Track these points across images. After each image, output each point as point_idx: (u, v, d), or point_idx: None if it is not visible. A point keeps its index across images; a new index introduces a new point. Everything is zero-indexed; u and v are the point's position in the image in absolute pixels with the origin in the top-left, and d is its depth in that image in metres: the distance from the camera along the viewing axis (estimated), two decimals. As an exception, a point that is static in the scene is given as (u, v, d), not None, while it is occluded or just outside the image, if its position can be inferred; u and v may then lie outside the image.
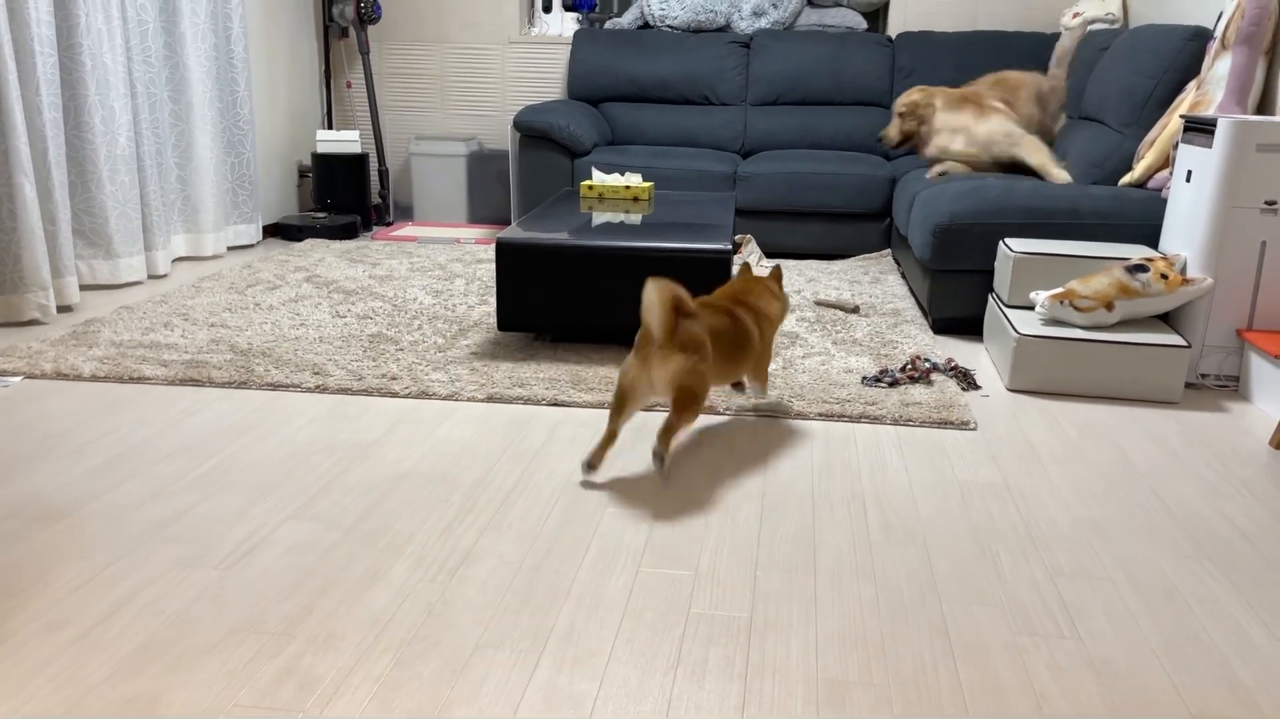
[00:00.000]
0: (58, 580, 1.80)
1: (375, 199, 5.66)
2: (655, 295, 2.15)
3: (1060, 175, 3.83)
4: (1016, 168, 4.05)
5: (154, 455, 2.35)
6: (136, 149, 4.01)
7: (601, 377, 2.93)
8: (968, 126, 4.08)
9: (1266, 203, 2.88)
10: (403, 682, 1.54)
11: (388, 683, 1.53)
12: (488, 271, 4.30)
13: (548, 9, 5.73)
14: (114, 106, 3.81)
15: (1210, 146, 2.92)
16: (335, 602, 1.75)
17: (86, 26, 3.67)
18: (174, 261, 4.44)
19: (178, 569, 1.84)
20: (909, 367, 3.01)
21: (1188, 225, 3.03)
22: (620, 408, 2.25)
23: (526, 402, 2.76)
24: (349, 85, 5.73)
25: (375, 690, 1.51)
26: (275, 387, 2.83)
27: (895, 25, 5.34)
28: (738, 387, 2.76)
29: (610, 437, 2.26)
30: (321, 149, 5.23)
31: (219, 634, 1.64)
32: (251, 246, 4.86)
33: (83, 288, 3.89)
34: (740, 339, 2.45)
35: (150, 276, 4.14)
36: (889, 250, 4.68)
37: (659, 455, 2.22)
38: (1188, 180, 3.06)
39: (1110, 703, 1.53)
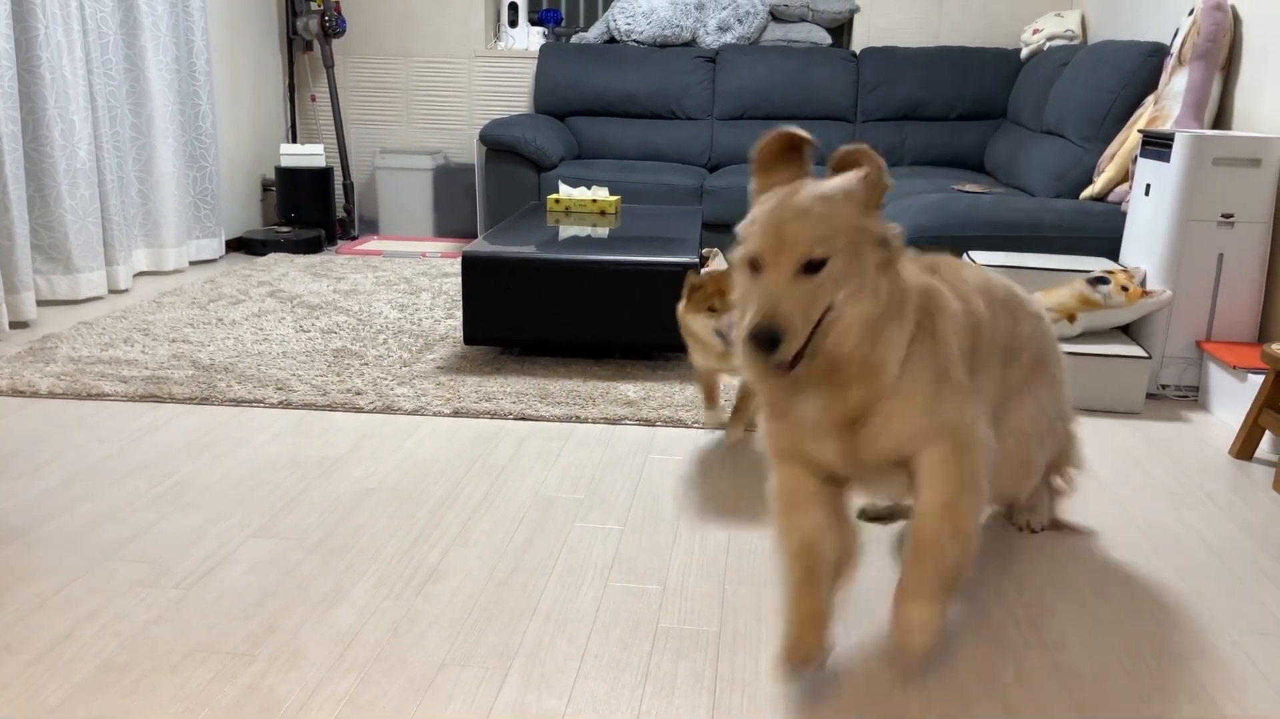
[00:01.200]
0: (12, 602, 1.76)
1: (340, 213, 5.62)
2: None
3: None
4: None
5: (113, 474, 2.31)
6: (97, 163, 3.96)
7: (569, 390, 2.92)
8: None
9: (1223, 216, 2.93)
10: (367, 701, 1.51)
11: (352, 702, 1.51)
12: (454, 285, 4.28)
13: (514, 23, 5.73)
14: (74, 120, 3.76)
15: (1168, 161, 2.97)
16: (298, 620, 1.72)
17: (46, 39, 3.62)
18: (135, 276, 4.38)
19: (136, 589, 1.81)
20: (875, 379, 3.01)
21: (1147, 238, 3.07)
22: None
23: (493, 416, 2.74)
24: (313, 99, 5.69)
25: (339, 710, 1.49)
26: (238, 402, 2.79)
27: (859, 41, 5.39)
28: None
29: None
30: (285, 163, 5.18)
31: (179, 655, 1.61)
32: (214, 261, 4.81)
33: (41, 303, 3.83)
34: None
35: (111, 292, 4.08)
36: (855, 263, 4.70)
37: None
38: (1146, 194, 3.10)
39: (1077, 712, 1.54)
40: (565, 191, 4.00)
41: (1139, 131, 3.32)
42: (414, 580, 1.87)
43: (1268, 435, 2.62)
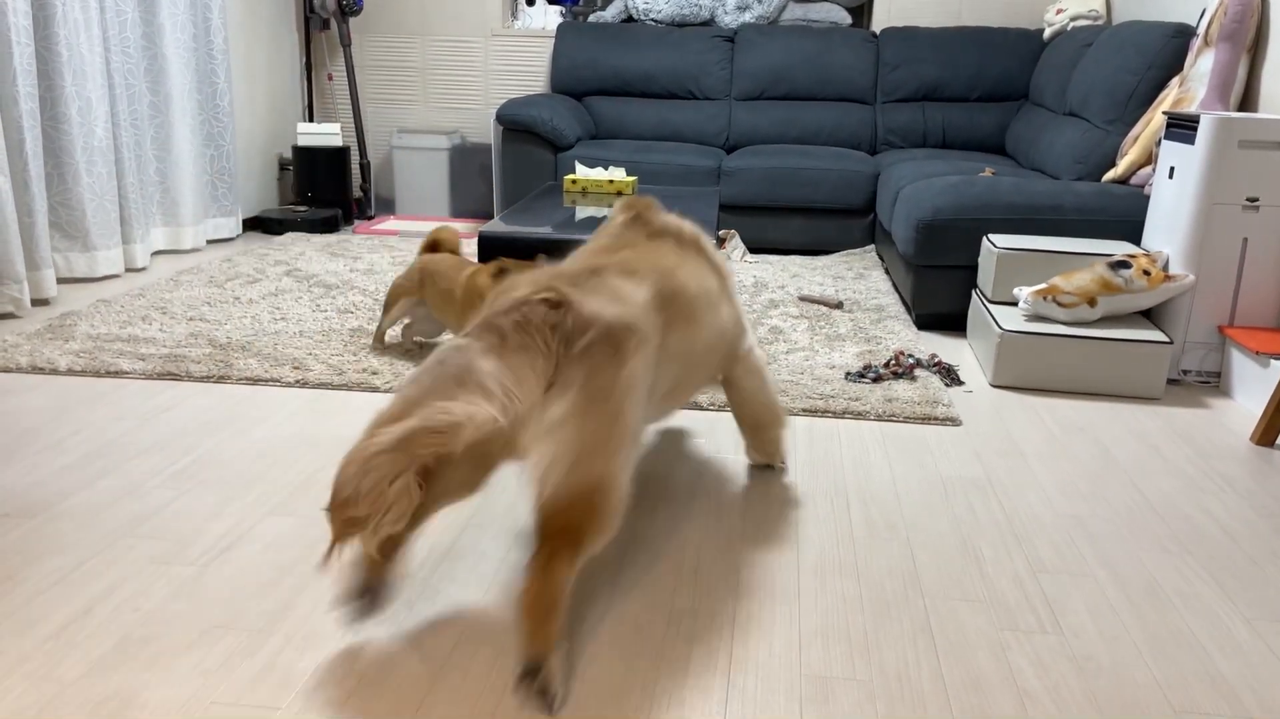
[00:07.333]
0: (31, 578, 1.77)
1: (356, 192, 5.62)
2: None
3: None
4: None
5: (130, 451, 2.32)
6: (114, 141, 3.96)
7: (584, 371, 2.91)
8: None
9: (1248, 199, 2.90)
10: (383, 678, 1.52)
11: (367, 679, 1.51)
12: (470, 266, 4.28)
13: (531, 2, 5.70)
14: (91, 98, 3.76)
15: (1193, 143, 2.93)
16: (315, 598, 1.73)
17: (64, 16, 3.62)
18: (152, 255, 4.39)
19: (154, 566, 1.82)
20: (893, 362, 3.00)
21: (1170, 222, 3.04)
22: None
23: (509, 396, 2.74)
24: (330, 77, 5.68)
25: (354, 687, 1.49)
26: (254, 381, 2.80)
27: (880, 20, 5.34)
28: None
29: None
30: (302, 142, 5.18)
31: (196, 631, 1.62)
32: (231, 240, 4.81)
33: (60, 281, 3.84)
34: None
35: (128, 270, 4.09)
36: (873, 246, 4.68)
37: None
38: (1170, 177, 3.06)
39: (1093, 698, 1.53)
40: (582, 172, 3.99)
41: (1163, 113, 3.27)
42: (429, 560, 1.87)
43: (1290, 422, 2.60)
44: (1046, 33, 4.93)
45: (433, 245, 3.08)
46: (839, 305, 3.72)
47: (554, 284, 1.59)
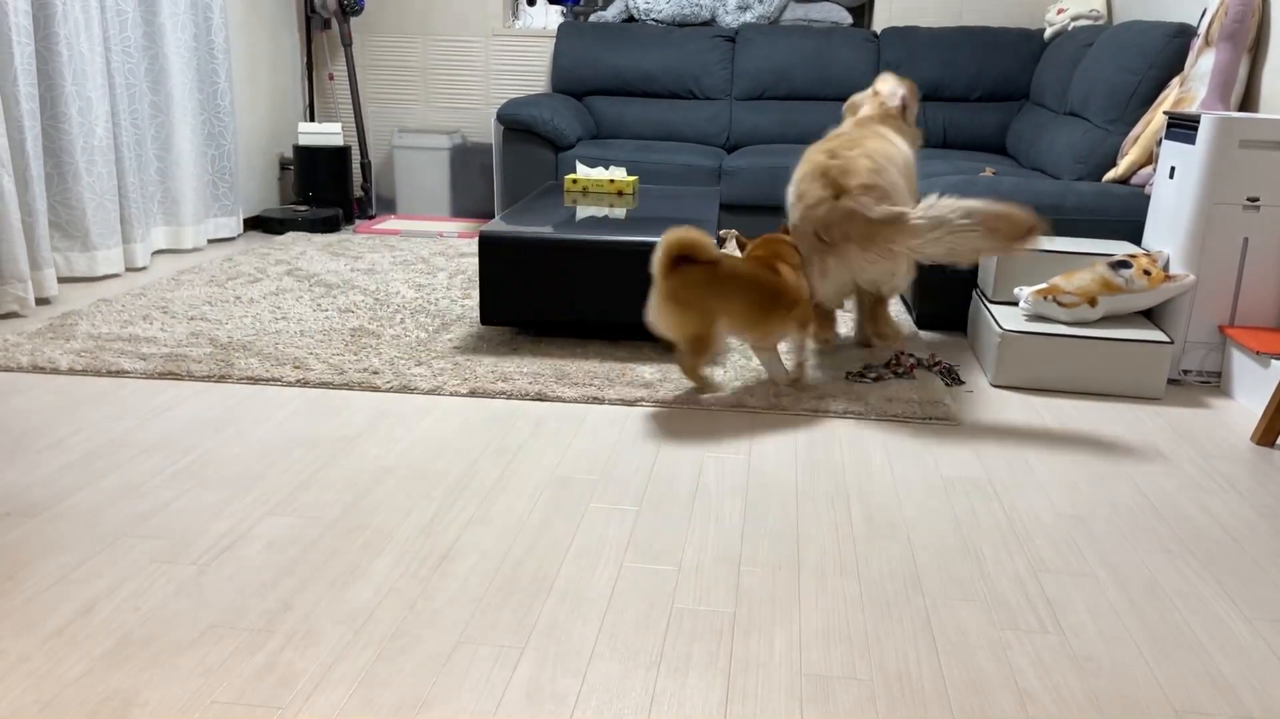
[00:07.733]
0: (32, 577, 1.77)
1: (357, 192, 5.62)
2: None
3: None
4: None
5: (131, 450, 2.32)
6: (115, 140, 3.97)
7: (585, 371, 2.92)
8: None
9: (1249, 199, 2.89)
10: (384, 678, 1.52)
11: (368, 679, 1.52)
12: (471, 265, 4.28)
13: (532, 2, 5.70)
14: (91, 97, 3.76)
15: (1193, 143, 2.93)
16: (315, 597, 1.73)
17: (64, 15, 3.62)
18: (153, 254, 4.39)
19: (155, 565, 1.82)
20: (893, 362, 3.00)
21: (1171, 222, 3.04)
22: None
23: (509, 396, 2.74)
24: (331, 77, 5.68)
25: (355, 687, 1.50)
26: (255, 380, 2.80)
27: (880, 20, 5.34)
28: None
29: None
30: (303, 141, 5.18)
31: (197, 631, 1.62)
32: (232, 239, 4.82)
33: (60, 280, 3.84)
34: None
35: (128, 269, 4.09)
36: (873, 246, 4.67)
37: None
38: (1171, 177, 3.06)
39: (1094, 698, 1.53)
40: (582, 171, 3.99)
41: (1164, 113, 3.27)
42: (430, 559, 1.87)
43: (1290, 422, 2.60)
44: (1047, 33, 4.93)
45: (679, 256, 2.55)
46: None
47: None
